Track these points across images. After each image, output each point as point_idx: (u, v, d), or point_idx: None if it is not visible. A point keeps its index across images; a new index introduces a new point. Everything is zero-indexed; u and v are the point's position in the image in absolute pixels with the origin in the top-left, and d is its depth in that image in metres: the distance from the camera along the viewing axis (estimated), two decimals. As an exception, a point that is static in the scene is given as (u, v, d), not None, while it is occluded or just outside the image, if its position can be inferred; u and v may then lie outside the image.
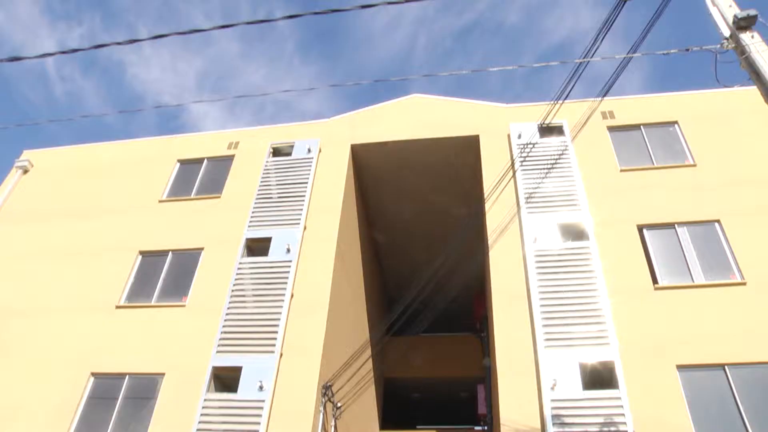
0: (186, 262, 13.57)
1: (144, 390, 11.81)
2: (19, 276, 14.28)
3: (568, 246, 12.06)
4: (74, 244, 14.56)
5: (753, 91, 7.01)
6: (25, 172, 16.95)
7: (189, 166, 15.88)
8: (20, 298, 13.78)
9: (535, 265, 11.84)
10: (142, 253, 14.04)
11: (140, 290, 13.43)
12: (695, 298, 11.14)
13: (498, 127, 14.70)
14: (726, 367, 10.24)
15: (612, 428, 9.70)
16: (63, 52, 8.14)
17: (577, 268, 11.68)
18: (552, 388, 10.21)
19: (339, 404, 12.10)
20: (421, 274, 12.93)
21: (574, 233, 12.30)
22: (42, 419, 11.67)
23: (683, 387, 10.15)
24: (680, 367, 10.34)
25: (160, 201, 15.07)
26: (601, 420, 9.82)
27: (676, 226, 12.23)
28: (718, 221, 12.08)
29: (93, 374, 12.22)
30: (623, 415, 9.80)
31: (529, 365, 10.69)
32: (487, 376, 13.60)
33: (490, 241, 12.58)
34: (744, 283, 11.09)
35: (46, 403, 11.87)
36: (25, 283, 14.07)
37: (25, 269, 14.37)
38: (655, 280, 11.50)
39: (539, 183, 12.90)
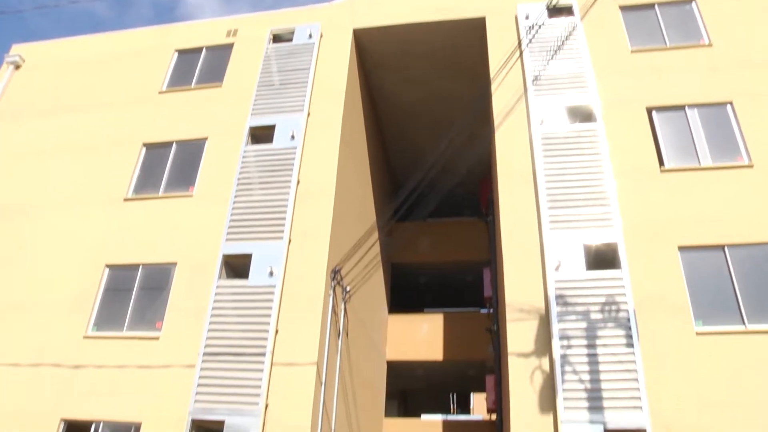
0: (191, 152, 13.53)
1: (158, 280, 12.12)
2: (23, 174, 14.30)
3: (575, 128, 11.93)
4: (76, 140, 14.47)
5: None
6: (17, 67, 16.51)
7: (187, 55, 15.48)
8: (27, 196, 13.87)
9: (541, 148, 11.77)
10: (145, 145, 13.98)
11: (147, 182, 13.49)
12: (701, 180, 11.14)
13: (505, 8, 14.16)
14: (725, 248, 10.40)
15: (613, 307, 9.97)
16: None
17: (584, 150, 11.61)
18: (556, 269, 10.42)
19: (348, 288, 12.42)
20: (427, 158, 12.89)
21: (582, 115, 12.14)
22: (62, 312, 12.05)
23: (683, 267, 10.35)
24: (681, 248, 10.49)
25: (160, 92, 14.82)
26: (603, 299, 10.08)
27: (686, 108, 12.01)
28: (730, 103, 11.85)
29: (107, 266, 12.49)
30: (624, 294, 10.05)
31: (534, 247, 10.85)
32: (492, 259, 13.84)
33: (496, 124, 12.45)
34: (751, 166, 11.04)
35: (64, 297, 12.23)
36: (30, 181, 14.12)
37: (28, 168, 14.38)
38: (661, 163, 11.44)
39: (547, 65, 12.59)
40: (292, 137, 12.67)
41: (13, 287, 12.62)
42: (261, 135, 13.10)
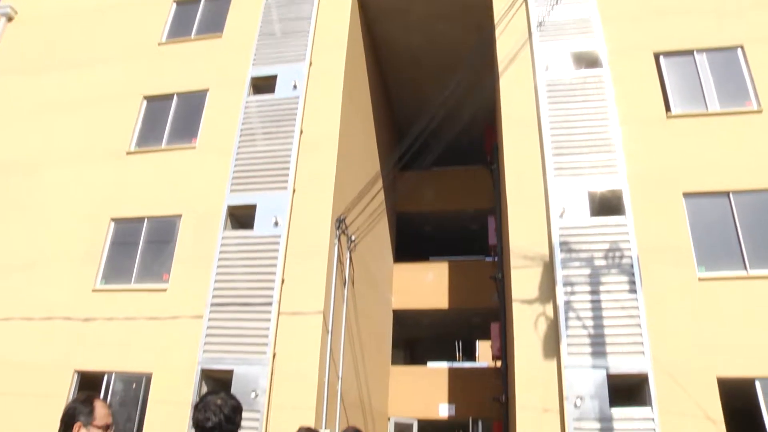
0: (192, 104, 13.42)
1: (163, 232, 12.18)
2: (22, 131, 14.20)
3: (581, 74, 11.76)
4: (75, 95, 14.31)
5: None
6: (10, 19, 16.14)
7: (186, 6, 15.15)
8: (27, 152, 13.82)
9: (546, 94, 11.62)
10: (146, 98, 13.85)
11: (149, 135, 13.42)
12: (708, 126, 11.01)
13: (509, -50, 13.79)
14: (730, 194, 10.36)
15: (617, 253, 10.00)
16: None
17: (589, 96, 11.47)
18: (560, 216, 10.41)
19: (353, 237, 12.47)
20: (431, 106, 12.77)
21: (588, 61, 11.94)
22: (70, 267, 12.18)
23: (687, 214, 10.34)
24: (686, 195, 10.46)
25: (159, 44, 14.58)
26: (606, 246, 10.10)
27: (694, 52, 11.77)
28: (740, 47, 11.59)
29: (113, 219, 12.55)
30: (628, 241, 10.07)
31: (538, 194, 10.83)
32: (497, 207, 13.84)
33: (500, 70, 12.28)
34: (760, 111, 10.89)
35: (72, 252, 12.33)
36: (30, 137, 14.03)
37: (27, 124, 14.27)
38: (668, 109, 11.30)
39: (552, 9, 12.31)
40: (294, 87, 12.54)
41: (20, 244, 12.72)
42: (263, 85, 12.97)
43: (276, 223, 11.17)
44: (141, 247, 12.16)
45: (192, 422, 2.88)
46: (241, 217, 11.69)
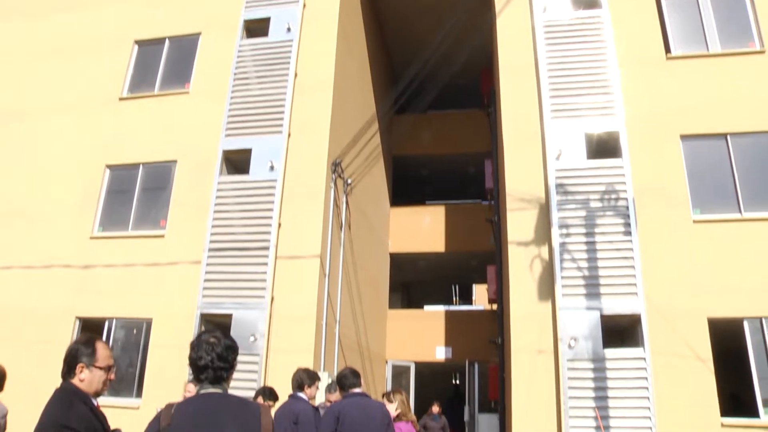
0: (184, 48, 13.18)
1: (159, 178, 12.16)
2: (13, 78, 13.99)
3: (579, 15, 11.54)
4: (65, 41, 14.01)
5: None
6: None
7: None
8: (19, 100, 13.64)
9: (543, 36, 11.44)
10: (138, 42, 13.59)
11: (141, 80, 13.24)
12: (708, 67, 10.87)
13: None
14: (728, 137, 10.31)
15: (613, 196, 10.01)
16: None
17: (588, 38, 11.29)
18: (557, 158, 10.39)
19: (349, 181, 12.45)
20: (427, 48, 12.55)
21: (586, 2, 11.70)
22: (67, 214, 12.21)
23: (684, 156, 10.33)
24: (683, 137, 10.41)
25: (150, -14, 14.24)
26: (603, 188, 10.11)
27: (697, -10, 11.55)
28: (746, -17, 11.35)
29: (108, 166, 12.50)
30: (624, 183, 10.08)
31: (535, 137, 10.77)
32: (494, 151, 13.77)
33: (497, 11, 12.04)
34: (762, 52, 10.74)
35: (68, 199, 12.33)
36: (20, 85, 13.84)
37: (17, 71, 14.04)
38: (667, 50, 11.14)
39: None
40: (288, 30, 12.29)
41: (15, 193, 12.71)
42: (256, 28, 12.70)
43: (272, 168, 11.13)
44: (137, 194, 12.16)
45: (188, 361, 2.92)
46: (237, 162, 11.63)
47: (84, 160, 12.58)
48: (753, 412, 9.00)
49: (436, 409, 12.90)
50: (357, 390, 5.66)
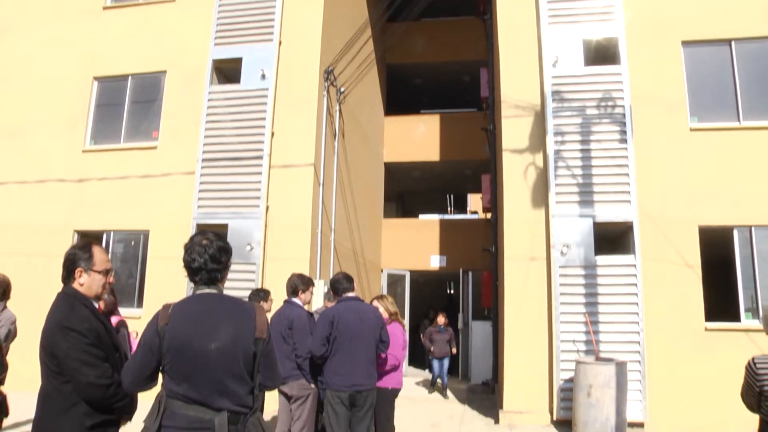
0: (170, -50, 12.65)
1: (149, 90, 11.96)
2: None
3: None
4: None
5: None
6: None
7: None
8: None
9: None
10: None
11: (126, -14, 12.77)
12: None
13: None
14: (732, 42, 10.07)
15: (610, 103, 9.89)
16: None
17: (589, -63, 10.83)
18: (553, 65, 10.18)
19: (342, 89, 12.25)
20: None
21: None
22: (58, 129, 12.09)
23: (684, 63, 10.12)
24: (685, 43, 10.17)
25: None
26: (599, 95, 9.97)
27: None
28: None
29: (95, 78, 12.28)
30: (622, 90, 9.92)
31: (531, 43, 10.51)
32: (490, 59, 13.51)
33: None
34: (769, -49, 10.35)
35: (57, 113, 12.17)
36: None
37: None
38: (670, -51, 10.72)
39: None
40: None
41: (3, 110, 12.51)
42: (243, -71, 12.15)
43: (263, 76, 10.92)
44: (127, 106, 12.00)
45: (183, 264, 2.98)
46: (228, 71, 11.40)
47: (70, 72, 12.32)
48: (735, 318, 9.26)
49: (441, 320, 13.07)
50: (350, 294, 5.78)
